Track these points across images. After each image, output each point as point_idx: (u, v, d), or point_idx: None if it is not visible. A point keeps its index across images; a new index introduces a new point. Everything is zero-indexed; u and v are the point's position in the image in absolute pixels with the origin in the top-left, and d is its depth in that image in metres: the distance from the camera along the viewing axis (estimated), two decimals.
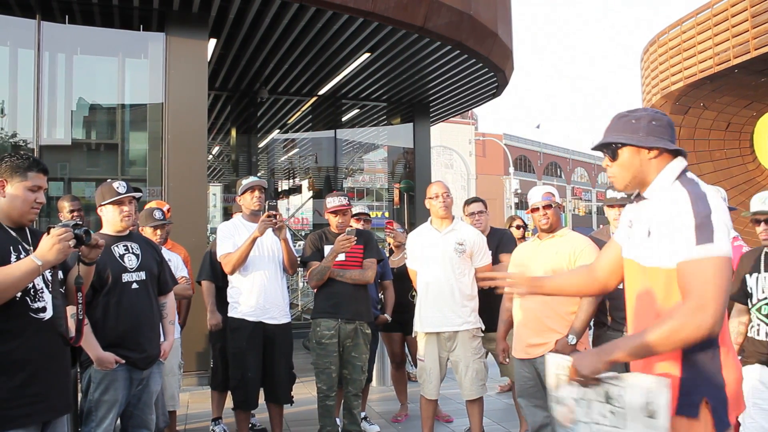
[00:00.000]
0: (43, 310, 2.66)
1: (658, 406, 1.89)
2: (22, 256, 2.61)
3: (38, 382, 2.61)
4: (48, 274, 2.71)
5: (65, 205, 5.27)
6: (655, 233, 2.05)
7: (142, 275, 3.64)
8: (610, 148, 2.17)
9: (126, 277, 3.56)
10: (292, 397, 4.87)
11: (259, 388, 4.72)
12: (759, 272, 3.54)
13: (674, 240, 1.96)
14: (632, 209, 2.25)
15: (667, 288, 2.02)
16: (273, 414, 4.79)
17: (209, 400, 5.65)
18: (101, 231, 3.71)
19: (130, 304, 3.54)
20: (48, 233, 2.55)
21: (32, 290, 2.63)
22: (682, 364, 1.99)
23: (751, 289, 3.56)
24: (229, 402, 5.05)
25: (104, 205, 3.62)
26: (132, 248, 3.67)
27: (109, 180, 3.70)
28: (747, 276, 3.59)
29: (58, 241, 2.53)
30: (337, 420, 4.92)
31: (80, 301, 2.81)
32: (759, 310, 3.52)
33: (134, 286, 3.58)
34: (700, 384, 1.98)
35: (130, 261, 3.61)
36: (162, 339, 3.84)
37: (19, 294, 2.55)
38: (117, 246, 3.61)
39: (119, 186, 3.62)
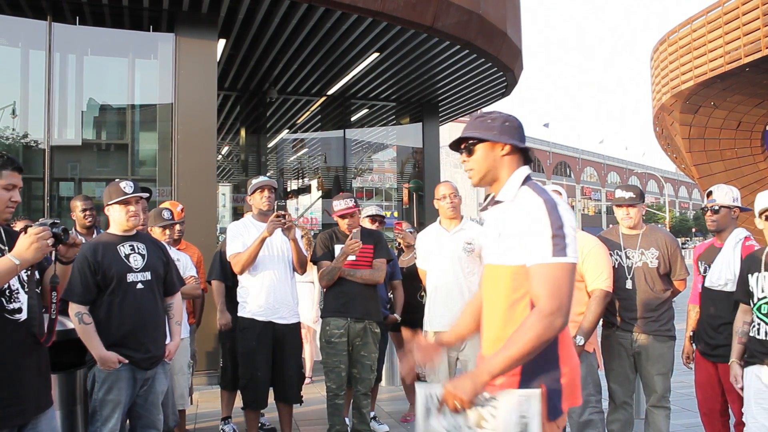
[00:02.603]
0: (19, 311, 2.62)
1: (531, 417, 1.99)
2: None
3: (12, 385, 2.57)
4: (24, 274, 2.66)
5: (78, 205, 5.30)
6: (506, 233, 2.22)
7: (148, 275, 3.61)
8: (467, 146, 2.33)
9: (131, 277, 3.54)
10: (302, 396, 4.88)
11: (268, 387, 4.73)
12: (759, 271, 3.52)
13: (528, 243, 2.12)
14: (488, 214, 2.40)
15: (513, 283, 2.19)
16: (282, 413, 4.80)
17: (219, 399, 5.66)
18: (108, 230, 3.72)
19: (135, 304, 3.52)
20: (26, 232, 2.52)
21: (8, 291, 2.58)
22: None
23: (752, 288, 3.55)
24: (238, 401, 5.06)
25: (111, 204, 3.60)
26: (138, 248, 3.65)
27: (116, 180, 3.68)
28: (749, 276, 3.58)
29: (36, 240, 2.50)
30: (347, 419, 4.93)
31: (54, 301, 2.77)
32: (759, 309, 3.50)
33: (139, 286, 3.55)
34: (538, 373, 2.13)
35: (136, 261, 3.59)
36: (168, 340, 3.81)
37: None
38: (123, 246, 3.59)
39: (126, 186, 3.60)
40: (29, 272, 2.68)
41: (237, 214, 12.94)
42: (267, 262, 4.68)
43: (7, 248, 2.58)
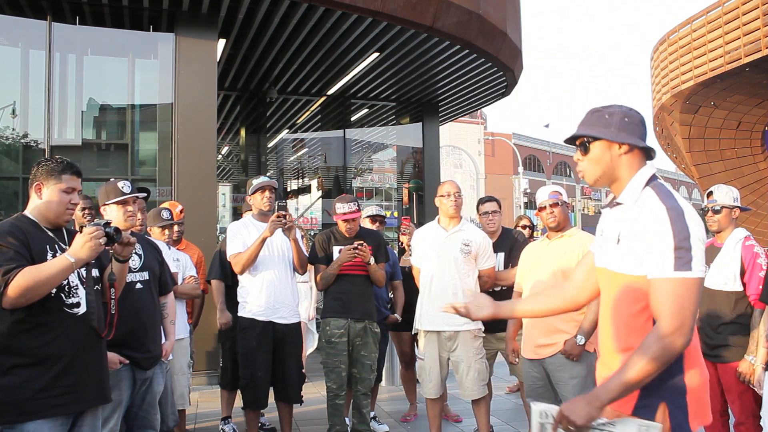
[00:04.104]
0: (78, 305, 2.78)
1: None
2: (57, 255, 2.71)
3: (72, 374, 2.72)
4: (83, 271, 2.81)
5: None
6: (626, 241, 2.07)
7: (146, 275, 3.63)
8: (582, 143, 2.18)
9: (130, 277, 3.53)
10: (302, 396, 4.88)
11: (268, 387, 4.73)
12: None
13: (649, 255, 1.97)
14: (605, 218, 2.26)
15: (634, 294, 2.05)
16: (282, 413, 4.80)
17: (219, 399, 5.67)
18: None
19: (134, 304, 3.52)
20: (80, 232, 2.67)
21: (67, 286, 2.75)
22: None
23: None
24: (238, 401, 5.06)
25: (108, 204, 3.61)
26: (135, 248, 3.61)
27: (113, 179, 3.69)
28: None
29: (90, 239, 2.64)
30: (347, 419, 4.93)
31: (113, 297, 2.93)
32: None
33: (138, 286, 3.57)
34: (659, 387, 1.98)
35: (134, 261, 3.59)
36: (163, 339, 3.84)
37: (54, 290, 2.67)
38: None
39: (124, 186, 3.61)
40: (87, 269, 2.82)
41: (237, 214, 12.93)
42: (267, 262, 4.68)
43: (68, 248, 2.72)
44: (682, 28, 23.26)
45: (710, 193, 4.13)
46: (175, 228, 5.16)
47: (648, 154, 2.16)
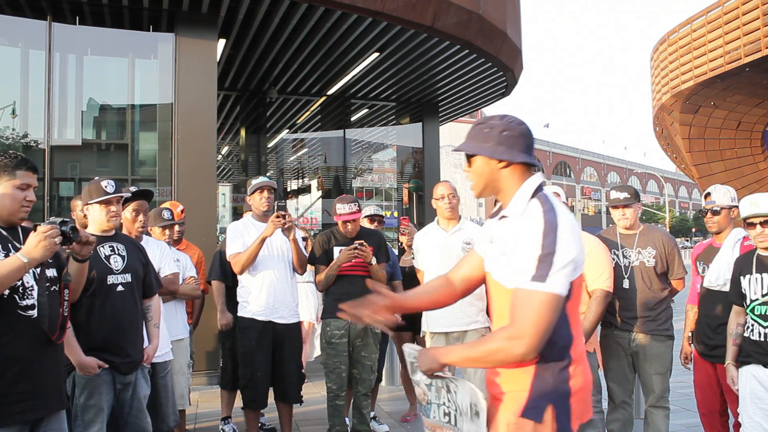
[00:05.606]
0: (32, 307, 2.66)
1: (480, 410, 2.07)
2: (11, 254, 2.60)
3: (28, 380, 2.61)
4: (37, 271, 2.69)
5: (78, 205, 5.26)
6: (508, 254, 2.11)
7: (128, 277, 3.50)
8: (467, 155, 2.20)
9: (111, 279, 3.43)
10: (302, 396, 4.88)
11: (268, 387, 4.73)
12: (751, 273, 3.56)
13: (515, 265, 2.02)
14: (495, 226, 2.25)
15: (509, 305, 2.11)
16: (282, 413, 4.81)
17: (219, 399, 5.67)
18: (86, 230, 3.65)
19: (115, 307, 3.41)
20: (35, 230, 2.57)
21: (21, 287, 2.64)
22: (535, 371, 2.06)
23: (744, 290, 3.58)
24: (238, 401, 5.07)
25: (91, 204, 3.49)
26: (118, 249, 3.54)
27: (96, 178, 3.57)
28: (741, 278, 3.61)
29: (44, 238, 2.54)
30: (347, 419, 4.94)
31: (66, 299, 2.80)
32: (752, 310, 3.54)
33: (119, 288, 3.45)
34: (547, 391, 2.05)
35: (116, 262, 3.48)
36: (146, 343, 3.70)
37: (6, 291, 2.57)
38: (103, 246, 3.47)
39: (108, 185, 3.48)
40: (41, 269, 2.70)
41: (237, 214, 12.95)
42: (267, 262, 4.69)
43: (22, 247, 2.62)
44: (682, 28, 23.32)
45: (708, 195, 4.14)
46: (176, 228, 5.16)
47: (531, 167, 2.17)
